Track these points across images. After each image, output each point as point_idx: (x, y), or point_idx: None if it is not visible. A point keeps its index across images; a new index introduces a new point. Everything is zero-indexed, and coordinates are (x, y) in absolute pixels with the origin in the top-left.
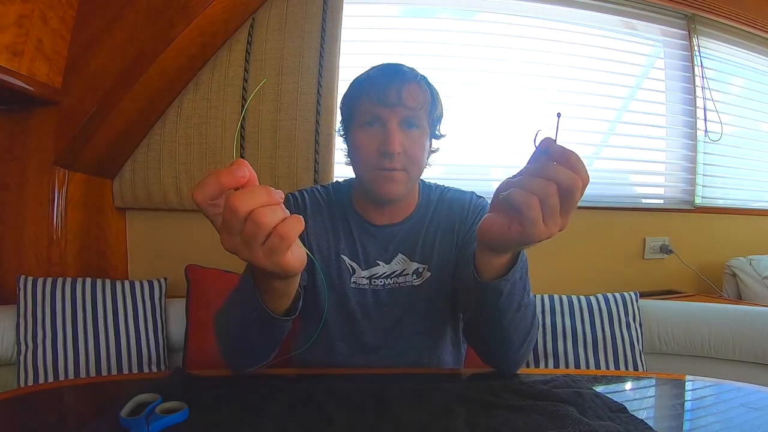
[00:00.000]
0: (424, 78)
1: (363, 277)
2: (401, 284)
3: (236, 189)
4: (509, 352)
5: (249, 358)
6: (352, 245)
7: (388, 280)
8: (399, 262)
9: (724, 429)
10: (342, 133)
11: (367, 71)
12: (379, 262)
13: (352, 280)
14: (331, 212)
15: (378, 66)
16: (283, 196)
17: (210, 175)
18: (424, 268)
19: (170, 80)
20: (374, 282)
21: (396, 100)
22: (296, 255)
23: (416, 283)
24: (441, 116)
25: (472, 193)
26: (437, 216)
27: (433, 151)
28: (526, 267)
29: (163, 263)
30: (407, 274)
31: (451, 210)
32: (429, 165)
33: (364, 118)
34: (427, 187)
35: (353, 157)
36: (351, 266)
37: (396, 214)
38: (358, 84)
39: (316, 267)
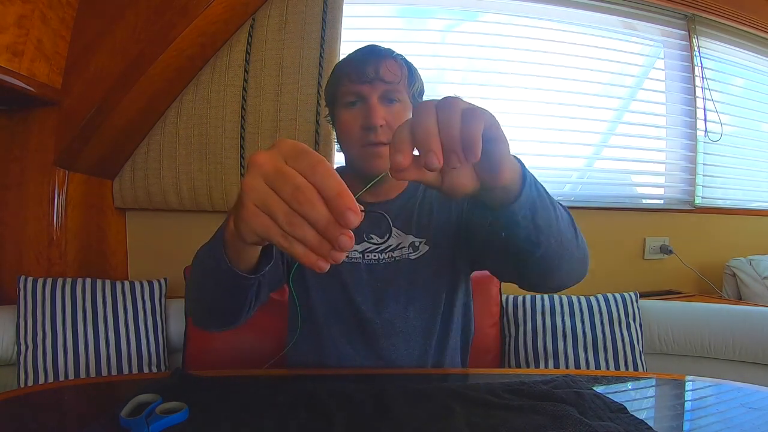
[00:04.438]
0: (400, 55)
1: (356, 251)
2: (397, 258)
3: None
4: (572, 249)
5: (212, 316)
6: None
7: (383, 254)
8: (394, 237)
9: (724, 429)
10: (329, 119)
11: (346, 56)
12: (372, 236)
13: None
14: None
15: (355, 50)
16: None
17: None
18: (421, 242)
19: (170, 81)
20: (368, 256)
21: (374, 75)
22: None
23: (413, 257)
24: (422, 91)
25: None
26: (430, 191)
27: None
28: (534, 182)
29: (163, 263)
30: (403, 248)
31: None
32: None
33: (346, 98)
34: None
35: (340, 139)
36: None
37: (387, 192)
38: (338, 68)
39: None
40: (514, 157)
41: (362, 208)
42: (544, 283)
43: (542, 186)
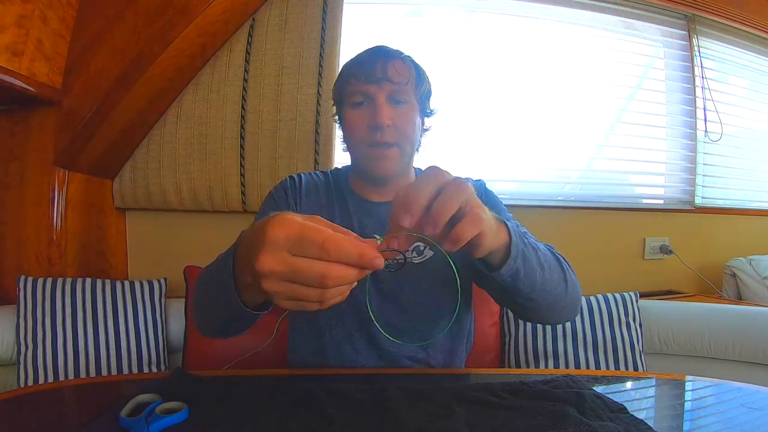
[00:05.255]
0: (408, 56)
1: None
2: (400, 260)
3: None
4: (560, 302)
5: (219, 333)
6: (348, 221)
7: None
8: None
9: (724, 429)
10: (337, 118)
11: (354, 56)
12: (375, 235)
13: None
14: (329, 194)
15: (364, 50)
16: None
17: (352, 243)
18: (425, 247)
19: (170, 80)
20: None
21: (381, 75)
22: None
23: (417, 260)
24: (429, 92)
25: (468, 178)
26: None
27: (426, 130)
28: (521, 237)
29: (163, 263)
30: (406, 250)
31: None
32: (421, 144)
33: (353, 98)
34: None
35: (347, 138)
36: None
37: (393, 193)
38: (346, 68)
39: None
40: (506, 225)
41: (397, 254)
42: (534, 322)
43: (534, 250)
